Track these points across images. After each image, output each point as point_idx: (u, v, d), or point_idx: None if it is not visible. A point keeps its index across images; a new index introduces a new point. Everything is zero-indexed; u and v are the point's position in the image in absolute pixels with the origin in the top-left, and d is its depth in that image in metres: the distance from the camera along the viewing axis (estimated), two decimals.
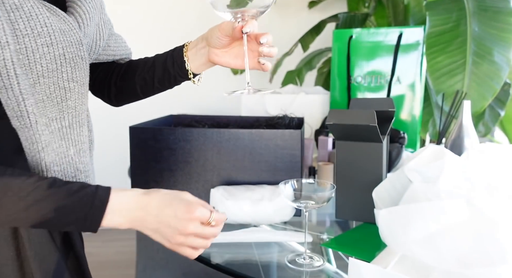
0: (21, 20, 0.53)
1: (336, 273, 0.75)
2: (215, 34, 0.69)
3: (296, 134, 0.98)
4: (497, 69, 1.24)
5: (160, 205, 0.58)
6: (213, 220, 0.60)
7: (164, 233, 0.59)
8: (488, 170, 0.77)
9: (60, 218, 0.54)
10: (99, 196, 0.55)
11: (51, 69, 0.57)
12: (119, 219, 0.57)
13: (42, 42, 0.55)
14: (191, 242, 0.59)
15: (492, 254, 0.59)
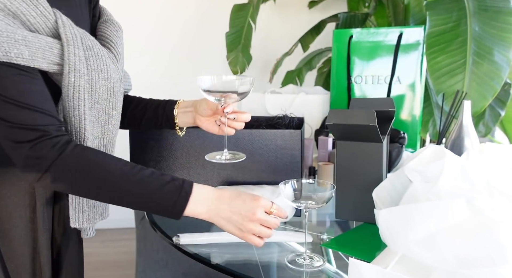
0: (92, 58, 0.68)
1: (336, 273, 0.75)
2: (203, 106, 0.84)
3: (296, 134, 0.98)
4: (497, 69, 1.24)
5: (231, 196, 0.69)
6: (274, 209, 0.71)
7: (235, 221, 0.68)
8: (488, 170, 0.77)
9: (153, 202, 0.66)
10: (184, 188, 0.66)
11: (103, 97, 0.71)
12: (200, 207, 0.67)
13: (102, 76, 0.70)
14: (259, 230, 0.69)
15: (492, 254, 0.59)
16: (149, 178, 0.65)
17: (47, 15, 0.63)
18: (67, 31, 0.65)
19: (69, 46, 0.64)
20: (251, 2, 2.17)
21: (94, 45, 0.69)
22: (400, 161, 1.14)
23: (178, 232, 0.86)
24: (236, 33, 2.21)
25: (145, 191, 0.65)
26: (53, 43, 0.64)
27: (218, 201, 0.69)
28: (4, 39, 0.57)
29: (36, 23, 0.62)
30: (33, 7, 0.61)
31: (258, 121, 1.20)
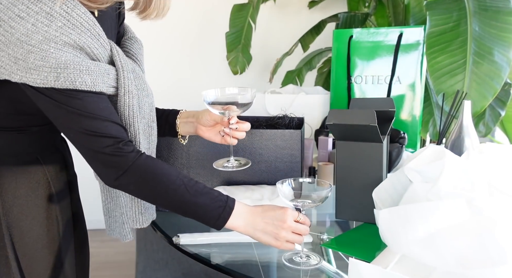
0: (136, 79, 0.77)
1: (336, 273, 0.75)
2: (206, 117, 0.90)
3: (296, 134, 0.98)
4: (497, 69, 1.24)
5: (263, 209, 0.77)
6: (300, 218, 0.77)
7: (270, 231, 0.75)
8: (488, 170, 0.77)
9: (201, 213, 0.74)
10: (228, 204, 0.74)
11: (147, 112, 0.80)
12: (238, 221, 0.75)
13: (145, 94, 0.79)
14: (292, 237, 0.75)
15: (492, 254, 0.59)
16: (203, 191, 0.74)
17: (105, 45, 0.72)
18: (121, 59, 0.74)
19: (124, 71, 0.74)
20: (251, 2, 2.17)
21: (135, 67, 0.79)
22: (400, 161, 1.14)
23: (178, 232, 0.86)
24: (236, 33, 2.21)
25: (198, 202, 0.73)
26: (110, 69, 0.72)
27: (253, 215, 0.76)
28: (71, 71, 0.66)
29: (99, 54, 0.71)
30: (96, 40, 0.70)
31: (258, 121, 1.20)
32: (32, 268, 0.81)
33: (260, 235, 0.76)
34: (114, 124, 0.71)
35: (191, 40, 2.60)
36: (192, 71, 2.64)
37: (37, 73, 0.64)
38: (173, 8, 2.38)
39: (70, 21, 0.66)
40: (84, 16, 0.67)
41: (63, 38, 0.65)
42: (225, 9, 2.26)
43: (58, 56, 0.64)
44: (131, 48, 0.85)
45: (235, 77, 2.38)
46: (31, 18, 0.63)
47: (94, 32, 0.69)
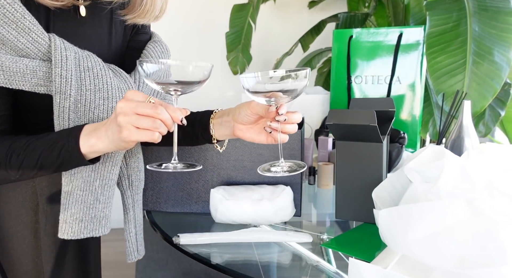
0: (88, 78, 0.69)
1: (336, 273, 0.75)
2: (245, 112, 0.73)
3: (296, 134, 0.98)
4: (497, 69, 1.24)
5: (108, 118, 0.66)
6: (152, 99, 0.63)
7: (112, 123, 0.63)
8: (488, 170, 0.77)
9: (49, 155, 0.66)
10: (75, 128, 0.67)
11: (101, 117, 0.70)
12: (91, 139, 0.65)
13: (100, 96, 0.70)
14: (137, 121, 0.60)
15: (493, 254, 0.59)
16: (38, 141, 0.67)
17: (40, 41, 0.65)
18: (57, 54, 0.66)
19: (56, 68, 0.66)
20: (251, 2, 2.17)
21: (95, 66, 0.70)
22: (400, 161, 1.14)
23: (178, 232, 0.86)
24: (236, 33, 2.21)
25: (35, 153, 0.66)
26: (39, 66, 0.66)
27: (101, 125, 0.66)
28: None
29: (26, 49, 0.65)
30: (24, 34, 0.64)
31: None
32: (14, 268, 0.79)
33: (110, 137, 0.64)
34: None
35: (191, 40, 2.61)
36: None
37: None
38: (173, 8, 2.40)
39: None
40: (9, 7, 0.62)
41: None
42: (225, 9, 2.26)
43: None
44: (151, 52, 0.81)
45: (235, 77, 2.38)
46: None
47: (22, 25, 0.63)
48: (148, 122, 0.60)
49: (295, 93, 0.65)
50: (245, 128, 0.76)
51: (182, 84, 0.66)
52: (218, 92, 2.70)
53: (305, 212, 1.03)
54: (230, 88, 2.69)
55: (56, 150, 0.66)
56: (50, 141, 0.67)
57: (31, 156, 0.67)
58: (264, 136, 0.75)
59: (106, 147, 0.66)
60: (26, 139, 0.68)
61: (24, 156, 0.67)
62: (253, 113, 0.73)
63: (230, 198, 0.94)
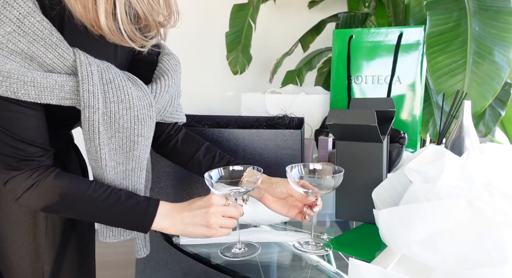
0: (111, 91, 0.71)
1: (336, 273, 0.75)
2: (281, 190, 0.83)
3: (296, 134, 0.98)
4: (497, 69, 1.24)
5: (189, 203, 0.76)
6: (229, 202, 0.76)
7: (199, 220, 0.74)
8: (488, 170, 0.77)
9: (120, 223, 0.74)
10: (149, 210, 0.73)
11: (126, 126, 0.74)
12: (165, 223, 0.74)
13: (123, 106, 0.72)
14: (223, 222, 0.74)
15: (493, 254, 0.59)
16: (117, 202, 0.72)
17: (65, 56, 0.68)
18: (83, 70, 0.69)
19: (84, 84, 0.68)
20: (251, 2, 2.17)
21: (115, 78, 0.73)
22: (400, 161, 1.14)
23: None
24: (236, 33, 2.21)
25: (112, 215, 0.73)
26: (66, 81, 0.68)
27: (180, 211, 0.75)
28: (14, 81, 0.63)
29: (53, 64, 0.67)
30: (52, 50, 0.66)
31: (258, 121, 1.20)
32: (11, 271, 0.80)
33: (191, 229, 0.74)
34: (32, 146, 0.69)
35: (191, 40, 2.60)
36: (192, 71, 2.64)
37: None
38: None
39: (20, 27, 0.62)
40: (39, 24, 0.64)
41: (9, 45, 0.62)
42: (225, 9, 2.26)
43: (2, 63, 0.62)
44: (166, 65, 0.84)
45: (235, 77, 2.38)
46: None
47: (50, 41, 0.65)
48: (231, 222, 0.75)
49: (331, 188, 0.78)
50: (273, 200, 0.85)
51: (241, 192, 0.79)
52: (218, 92, 2.70)
53: None
54: (230, 88, 2.69)
55: (126, 222, 0.74)
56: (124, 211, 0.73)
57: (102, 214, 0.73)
58: (286, 210, 0.85)
59: (176, 232, 0.75)
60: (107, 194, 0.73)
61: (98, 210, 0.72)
62: (287, 193, 0.83)
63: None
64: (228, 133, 1.00)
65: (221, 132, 1.00)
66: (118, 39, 0.68)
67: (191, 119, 1.26)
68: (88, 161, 0.75)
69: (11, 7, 0.61)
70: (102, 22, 0.64)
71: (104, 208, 0.72)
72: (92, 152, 0.73)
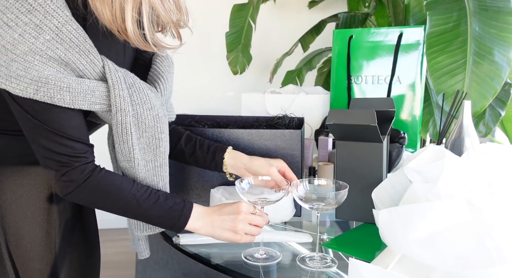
0: (135, 94, 0.75)
1: (336, 273, 0.75)
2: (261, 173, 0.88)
3: (296, 134, 0.98)
4: (497, 69, 1.24)
5: (220, 207, 0.80)
6: (256, 210, 0.80)
7: (227, 225, 0.78)
8: (488, 170, 0.77)
9: (157, 223, 0.78)
10: (184, 212, 0.77)
11: (151, 125, 0.78)
12: (197, 224, 0.78)
13: (147, 107, 0.76)
14: (249, 229, 0.78)
15: (492, 255, 0.59)
16: (157, 203, 0.76)
17: (96, 62, 0.71)
18: (113, 76, 0.72)
19: (115, 89, 0.72)
20: (251, 2, 2.17)
21: (135, 81, 0.76)
22: (400, 161, 1.14)
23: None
24: (236, 33, 2.21)
25: (151, 214, 0.76)
26: (97, 86, 0.71)
27: (210, 214, 0.79)
28: (51, 86, 0.65)
29: (85, 69, 0.70)
30: (85, 56, 0.69)
31: (258, 121, 1.20)
32: (27, 268, 0.82)
33: (219, 232, 0.78)
34: (79, 143, 0.71)
35: (191, 40, 2.60)
36: (192, 71, 2.64)
37: (17, 82, 0.64)
38: None
39: (59, 35, 0.65)
40: (75, 32, 0.67)
41: (48, 52, 0.64)
42: (225, 9, 2.26)
43: (41, 70, 0.64)
44: (160, 66, 0.86)
45: (235, 77, 2.38)
46: (19, 28, 0.62)
47: (84, 48, 0.68)
48: (256, 230, 0.79)
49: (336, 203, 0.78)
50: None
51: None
52: (218, 92, 2.70)
53: (305, 212, 1.03)
54: (230, 88, 2.69)
55: (163, 222, 0.77)
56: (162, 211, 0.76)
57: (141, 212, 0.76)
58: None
59: (205, 233, 0.79)
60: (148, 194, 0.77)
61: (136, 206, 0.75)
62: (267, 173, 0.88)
63: (230, 197, 0.94)
64: (228, 133, 1.00)
65: (221, 132, 1.00)
66: (142, 45, 0.71)
67: (191, 119, 1.26)
68: (120, 163, 0.78)
69: (51, 16, 0.64)
70: (129, 30, 0.67)
71: (145, 207, 0.75)
72: (126, 153, 0.76)
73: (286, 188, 0.81)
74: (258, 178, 0.86)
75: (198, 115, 1.27)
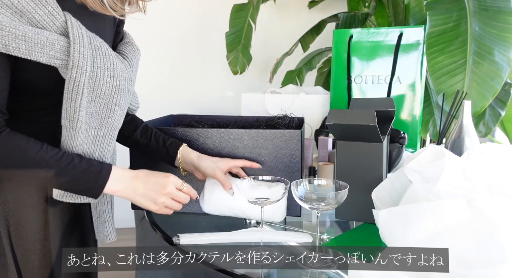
0: (98, 57, 0.74)
1: (336, 273, 0.75)
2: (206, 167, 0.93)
3: (296, 134, 0.98)
4: (497, 69, 1.24)
5: (146, 174, 0.80)
6: (184, 186, 0.82)
7: (150, 196, 0.79)
8: (488, 170, 0.77)
9: (71, 186, 0.75)
10: (102, 174, 0.75)
11: (108, 93, 0.76)
12: (116, 185, 0.77)
13: (108, 74, 0.75)
14: (170, 203, 0.80)
15: (492, 254, 0.59)
16: (69, 165, 0.73)
17: (55, 15, 0.70)
18: (75, 31, 0.71)
19: (75, 44, 0.70)
20: (251, 2, 2.17)
21: (102, 46, 0.75)
22: (400, 161, 1.14)
23: (178, 232, 0.86)
24: (236, 33, 2.21)
25: (63, 179, 0.73)
26: (57, 40, 0.69)
27: (134, 179, 0.79)
28: (6, 33, 0.64)
29: (43, 21, 0.69)
30: (41, 6, 0.68)
31: (258, 121, 1.20)
32: (27, 258, 0.81)
33: (139, 199, 0.79)
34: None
35: (191, 40, 2.60)
36: (192, 71, 2.64)
37: None
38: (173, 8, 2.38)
39: None
40: None
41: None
42: (225, 9, 2.26)
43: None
44: (123, 50, 0.86)
45: (235, 77, 2.38)
46: None
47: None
48: (177, 205, 0.82)
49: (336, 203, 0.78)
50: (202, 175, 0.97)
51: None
52: (218, 92, 2.70)
53: (305, 212, 1.03)
54: (230, 88, 2.69)
55: (78, 185, 0.74)
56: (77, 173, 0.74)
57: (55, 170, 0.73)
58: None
59: (124, 196, 0.79)
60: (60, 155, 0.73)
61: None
62: (215, 168, 0.93)
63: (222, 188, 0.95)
64: (228, 133, 1.00)
65: (221, 132, 1.00)
66: (99, 7, 0.73)
67: (191, 119, 1.26)
68: (62, 121, 0.75)
69: None
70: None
71: (56, 169, 0.72)
72: (70, 112, 0.73)
73: (287, 187, 0.81)
74: (258, 178, 0.86)
75: (198, 115, 1.27)
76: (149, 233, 1.02)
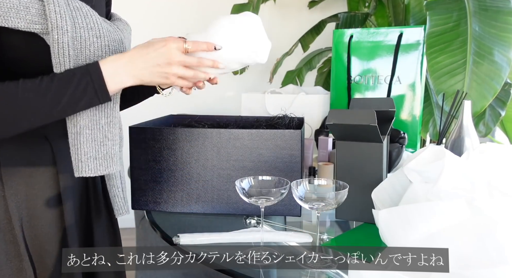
0: (79, 17, 0.72)
1: (336, 273, 0.75)
2: None
3: (296, 134, 0.98)
4: (497, 69, 1.24)
5: (140, 50, 0.74)
6: (189, 46, 0.76)
7: (158, 72, 0.73)
8: (488, 170, 0.77)
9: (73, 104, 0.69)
10: (93, 71, 0.70)
11: (97, 55, 0.73)
12: (119, 79, 0.72)
13: (93, 34, 0.72)
14: (183, 72, 0.75)
15: (492, 255, 0.59)
16: (53, 84, 0.68)
17: None
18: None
19: (49, 4, 0.68)
20: (251, 2, 2.17)
21: (83, 7, 0.73)
22: (400, 161, 1.14)
23: (178, 232, 0.86)
24: None
25: (57, 100, 0.68)
26: (31, 3, 0.67)
27: (131, 62, 0.72)
28: None
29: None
30: None
31: (258, 121, 1.20)
32: (41, 249, 0.79)
33: (148, 82, 0.74)
34: None
35: None
36: None
37: None
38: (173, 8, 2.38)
39: None
40: None
41: None
42: (225, 9, 2.26)
43: None
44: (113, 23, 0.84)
45: (235, 77, 2.38)
46: None
47: None
48: (192, 73, 0.75)
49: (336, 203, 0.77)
50: None
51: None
52: (218, 92, 2.70)
53: (305, 212, 1.03)
54: (230, 88, 2.69)
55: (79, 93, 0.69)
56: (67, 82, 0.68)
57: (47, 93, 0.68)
58: None
59: (133, 83, 0.73)
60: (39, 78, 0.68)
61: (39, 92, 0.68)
62: None
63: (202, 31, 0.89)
64: (228, 133, 1.00)
65: (221, 132, 1.00)
66: None
67: (191, 119, 1.26)
68: None
69: None
70: None
71: (46, 92, 0.67)
72: None
73: (287, 187, 0.81)
74: (258, 178, 0.86)
75: (198, 115, 1.27)
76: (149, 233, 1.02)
